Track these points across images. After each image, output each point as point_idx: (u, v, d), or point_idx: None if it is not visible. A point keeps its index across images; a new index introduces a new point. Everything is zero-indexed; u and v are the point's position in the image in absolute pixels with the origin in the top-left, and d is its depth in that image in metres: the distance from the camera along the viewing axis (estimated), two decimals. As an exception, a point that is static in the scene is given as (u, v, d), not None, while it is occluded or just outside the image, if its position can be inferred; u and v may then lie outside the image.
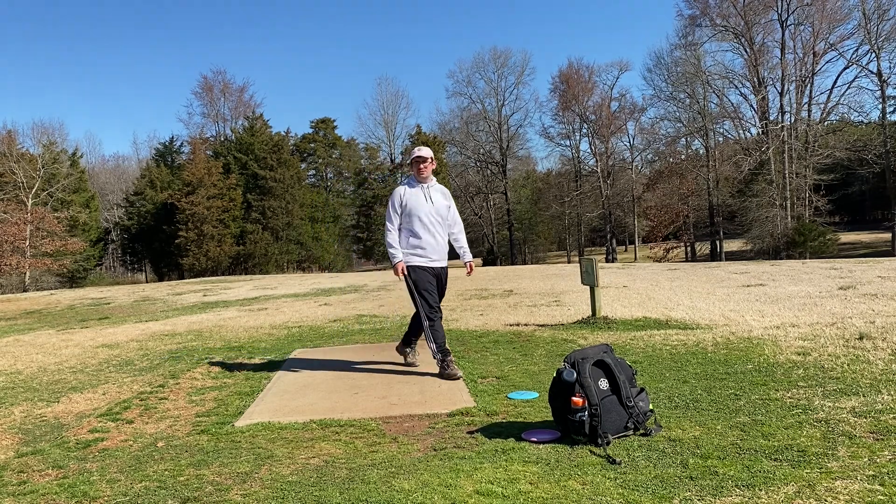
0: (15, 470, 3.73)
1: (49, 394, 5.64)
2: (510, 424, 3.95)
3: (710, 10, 44.36)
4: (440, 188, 5.60)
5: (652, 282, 12.39)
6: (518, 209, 56.61)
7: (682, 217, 45.22)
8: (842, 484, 2.76)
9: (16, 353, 8.12)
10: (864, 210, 59.94)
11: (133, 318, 11.44)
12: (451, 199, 5.64)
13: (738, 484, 2.84)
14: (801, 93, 41.80)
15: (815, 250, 34.01)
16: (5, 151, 38.46)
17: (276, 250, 44.32)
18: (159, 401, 5.14)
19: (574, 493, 2.89)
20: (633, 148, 55.35)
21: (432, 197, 5.44)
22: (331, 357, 6.43)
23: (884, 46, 39.86)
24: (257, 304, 12.71)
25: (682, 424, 3.69)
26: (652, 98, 51.91)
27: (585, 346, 5.55)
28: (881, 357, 4.85)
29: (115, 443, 4.14)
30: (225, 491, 3.19)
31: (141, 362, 6.88)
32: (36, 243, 32.40)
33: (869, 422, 3.49)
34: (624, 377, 3.65)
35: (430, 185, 5.51)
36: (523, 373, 5.27)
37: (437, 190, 5.55)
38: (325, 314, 10.15)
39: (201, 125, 55.77)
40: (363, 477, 3.23)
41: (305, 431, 4.09)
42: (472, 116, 56.94)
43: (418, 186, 5.45)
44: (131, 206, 48.67)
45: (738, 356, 5.27)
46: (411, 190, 5.42)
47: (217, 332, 8.85)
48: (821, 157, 40.59)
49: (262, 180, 45.04)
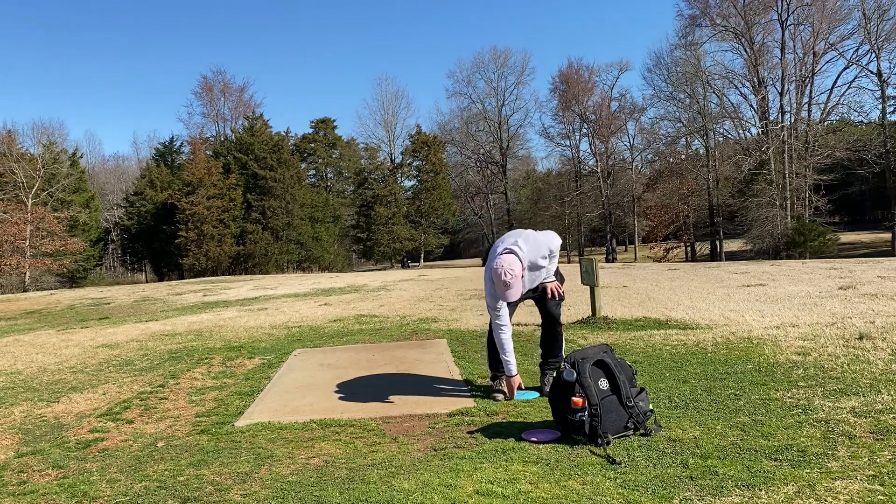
0: (15, 470, 3.73)
1: (49, 394, 5.64)
2: (510, 424, 3.95)
3: (710, 10, 44.37)
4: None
5: (652, 282, 12.39)
6: (518, 209, 56.58)
7: (682, 217, 45.20)
8: (842, 484, 2.76)
9: (16, 353, 8.12)
10: (864, 210, 59.94)
11: (133, 318, 11.44)
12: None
13: (738, 484, 2.84)
14: (801, 93, 41.81)
15: (815, 250, 34.00)
16: (5, 151, 38.46)
17: (276, 250, 44.32)
18: (159, 401, 5.14)
19: (574, 493, 2.89)
20: (633, 148, 55.41)
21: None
22: (331, 357, 6.43)
23: (884, 46, 39.88)
24: (257, 304, 12.71)
25: (682, 424, 3.69)
26: (652, 98, 51.89)
27: (585, 346, 5.55)
28: (881, 357, 4.84)
29: (115, 443, 4.14)
30: (225, 491, 3.19)
31: (141, 362, 6.88)
32: (36, 243, 32.38)
33: (869, 422, 3.49)
34: (624, 377, 3.65)
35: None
36: (523, 373, 5.26)
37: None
38: (325, 314, 10.15)
39: (201, 125, 55.84)
40: (363, 477, 3.23)
41: (305, 431, 4.09)
42: (472, 116, 56.97)
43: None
44: (131, 206, 48.69)
45: (738, 356, 5.27)
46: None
47: (217, 332, 8.85)
48: (821, 157, 40.58)
49: (262, 180, 45.04)
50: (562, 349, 4.79)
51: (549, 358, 4.82)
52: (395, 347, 6.79)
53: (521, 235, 4.59)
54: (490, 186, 56.45)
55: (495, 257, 4.44)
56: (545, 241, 4.63)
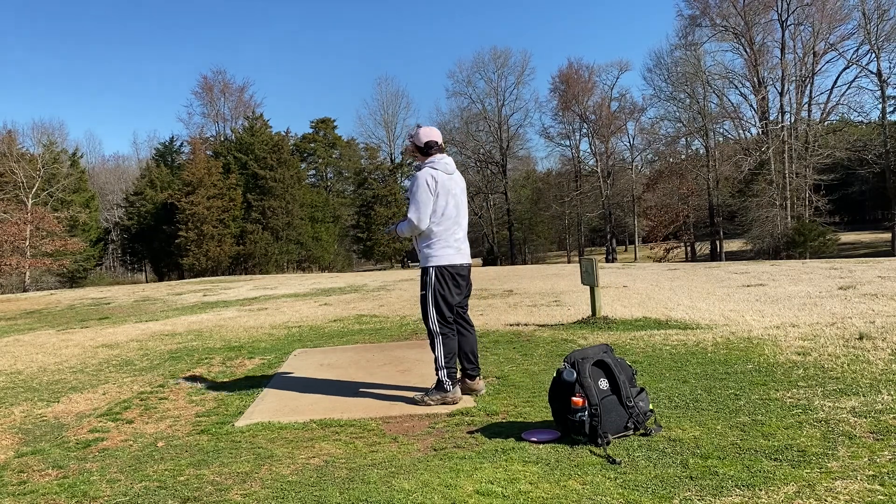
0: (15, 470, 3.73)
1: (49, 394, 5.64)
2: (510, 424, 3.95)
3: (710, 10, 44.37)
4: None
5: (652, 282, 12.39)
6: (518, 209, 56.60)
7: (682, 217, 45.19)
8: (842, 484, 2.76)
9: (16, 353, 8.12)
10: (864, 210, 59.92)
11: (133, 318, 11.44)
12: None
13: (738, 484, 2.84)
14: (801, 93, 41.82)
15: (815, 250, 34.01)
16: (5, 151, 38.45)
17: (276, 250, 44.32)
18: (159, 401, 5.14)
19: (574, 493, 2.89)
20: (633, 148, 55.40)
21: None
22: (331, 357, 6.43)
23: (884, 46, 39.93)
24: (257, 304, 12.71)
25: (682, 424, 3.69)
26: (652, 98, 51.89)
27: (585, 346, 5.54)
28: (881, 357, 4.84)
29: (115, 443, 4.14)
30: (225, 491, 3.19)
31: (141, 362, 6.88)
32: (36, 243, 32.34)
33: (869, 422, 3.49)
34: (624, 377, 3.65)
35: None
36: (523, 373, 5.27)
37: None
38: (325, 314, 10.15)
39: (201, 125, 55.86)
40: (363, 477, 3.23)
41: (305, 431, 4.09)
42: (472, 116, 56.93)
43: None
44: (131, 206, 48.68)
45: (738, 356, 5.27)
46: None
47: (217, 332, 8.85)
48: (821, 157, 40.58)
49: (262, 180, 45.04)
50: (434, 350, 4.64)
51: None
52: (395, 347, 6.79)
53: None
54: (490, 186, 56.43)
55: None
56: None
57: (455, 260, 4.58)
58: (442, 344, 4.52)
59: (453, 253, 4.58)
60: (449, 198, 4.54)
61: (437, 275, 4.53)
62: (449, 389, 4.49)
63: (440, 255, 4.54)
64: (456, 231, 4.61)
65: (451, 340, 4.55)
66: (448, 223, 4.55)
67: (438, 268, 4.53)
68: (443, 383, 4.50)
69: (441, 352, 4.51)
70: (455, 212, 4.59)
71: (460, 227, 4.65)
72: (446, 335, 4.53)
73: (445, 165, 4.59)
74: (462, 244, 4.67)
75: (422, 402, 4.49)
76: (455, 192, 4.60)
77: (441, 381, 4.51)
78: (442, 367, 4.51)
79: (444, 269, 4.54)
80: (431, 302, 4.53)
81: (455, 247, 4.60)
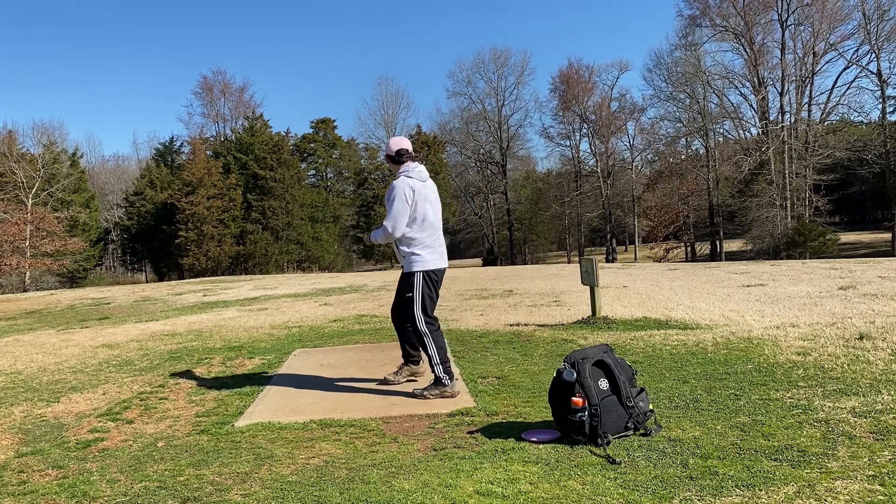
0: (15, 470, 3.73)
1: (49, 394, 5.64)
2: (510, 424, 3.95)
3: (710, 11, 44.38)
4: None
5: (652, 282, 12.38)
6: (518, 209, 56.60)
7: (682, 217, 45.18)
8: (842, 484, 2.76)
9: (16, 353, 8.12)
10: (864, 210, 59.92)
11: (133, 318, 11.44)
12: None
13: (738, 484, 2.84)
14: (801, 93, 41.83)
15: (815, 250, 34.00)
16: (5, 151, 38.45)
17: (276, 250, 44.30)
18: (159, 401, 5.14)
19: (574, 493, 2.89)
20: (633, 148, 55.39)
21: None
22: (331, 357, 6.43)
23: (884, 46, 39.92)
24: (257, 304, 12.71)
25: (682, 424, 3.69)
26: (652, 98, 51.95)
27: (585, 346, 5.55)
28: (881, 357, 4.84)
29: (115, 443, 4.14)
30: (225, 491, 3.19)
31: (141, 362, 6.88)
32: (36, 243, 32.32)
33: (869, 422, 3.49)
34: (624, 377, 3.65)
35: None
36: (523, 373, 5.27)
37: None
38: (325, 314, 10.15)
39: (201, 125, 55.77)
40: (363, 477, 3.23)
41: (305, 431, 4.09)
42: (472, 116, 56.94)
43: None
44: (131, 206, 48.68)
45: (738, 356, 5.27)
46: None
47: (217, 332, 8.84)
48: (821, 157, 40.59)
49: (262, 180, 45.02)
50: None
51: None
52: (395, 347, 6.74)
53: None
54: (490, 186, 56.44)
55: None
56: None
57: (439, 264, 4.86)
58: (432, 341, 4.74)
59: (437, 258, 4.84)
60: (427, 204, 4.77)
61: (423, 278, 4.76)
62: (447, 383, 4.67)
63: (427, 259, 4.78)
64: (438, 236, 4.87)
65: (439, 336, 4.78)
66: (430, 229, 4.80)
67: (426, 272, 4.77)
68: (440, 378, 4.68)
69: (433, 349, 4.72)
70: (434, 217, 4.83)
71: (439, 231, 4.90)
72: (434, 332, 4.77)
73: (419, 173, 4.81)
74: (442, 248, 4.95)
75: (421, 396, 4.66)
76: (431, 199, 4.84)
77: (438, 378, 4.69)
78: (437, 363, 4.69)
79: (429, 273, 4.78)
80: (419, 304, 4.75)
81: (439, 251, 4.87)
